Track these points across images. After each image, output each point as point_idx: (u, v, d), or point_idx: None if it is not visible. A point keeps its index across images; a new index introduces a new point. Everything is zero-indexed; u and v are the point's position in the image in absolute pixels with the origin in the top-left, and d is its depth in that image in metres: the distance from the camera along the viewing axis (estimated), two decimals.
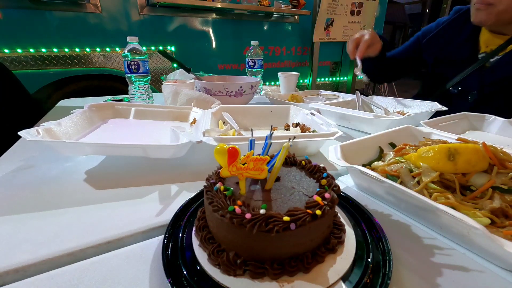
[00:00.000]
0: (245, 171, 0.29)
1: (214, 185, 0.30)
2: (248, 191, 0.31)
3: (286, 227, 0.25)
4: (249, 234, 0.25)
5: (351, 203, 0.38)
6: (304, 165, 0.36)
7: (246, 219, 0.25)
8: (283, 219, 0.25)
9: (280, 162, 0.30)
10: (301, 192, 0.31)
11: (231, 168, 0.29)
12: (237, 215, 0.25)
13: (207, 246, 0.28)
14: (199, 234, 0.30)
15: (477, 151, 0.39)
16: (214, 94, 0.91)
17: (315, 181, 0.33)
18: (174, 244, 0.30)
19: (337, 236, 0.30)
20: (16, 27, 1.56)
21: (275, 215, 0.25)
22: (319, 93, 1.23)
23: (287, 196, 0.30)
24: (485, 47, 0.88)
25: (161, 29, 1.96)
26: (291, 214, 0.26)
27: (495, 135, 0.72)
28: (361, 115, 0.74)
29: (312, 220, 0.26)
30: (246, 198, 0.29)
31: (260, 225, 0.25)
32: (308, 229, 0.26)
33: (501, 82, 0.82)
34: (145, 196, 0.43)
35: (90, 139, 0.58)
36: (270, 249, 0.26)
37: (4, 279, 0.29)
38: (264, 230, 0.24)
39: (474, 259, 0.31)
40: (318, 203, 0.27)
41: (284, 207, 0.28)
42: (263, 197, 0.30)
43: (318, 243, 0.28)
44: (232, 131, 0.65)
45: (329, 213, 0.27)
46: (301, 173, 0.35)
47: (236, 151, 0.28)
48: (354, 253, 0.29)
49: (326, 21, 2.54)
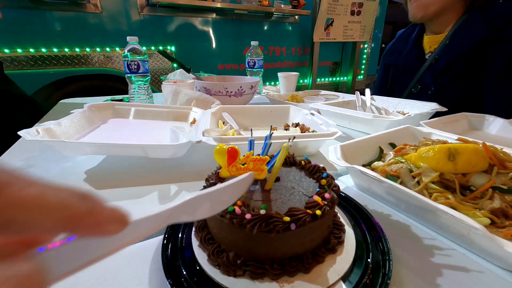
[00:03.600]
0: (244, 171, 0.29)
1: (214, 186, 0.30)
2: (248, 192, 0.30)
3: (286, 227, 0.25)
4: (249, 235, 0.25)
5: (350, 203, 0.38)
6: (303, 165, 0.36)
7: (246, 220, 0.25)
8: (283, 219, 0.25)
9: (280, 162, 0.30)
10: (301, 192, 0.30)
11: (231, 169, 0.29)
12: (237, 216, 0.25)
13: (207, 246, 0.28)
14: (198, 235, 0.30)
15: (477, 151, 0.39)
16: (214, 94, 0.91)
17: (314, 181, 0.33)
18: (173, 245, 0.30)
19: (337, 236, 0.30)
20: (16, 27, 1.56)
21: (275, 215, 0.25)
22: (319, 93, 1.23)
23: (287, 196, 0.30)
24: (429, 48, 1.03)
25: (161, 29, 1.96)
26: (291, 214, 0.26)
27: (495, 135, 0.72)
28: (361, 115, 0.74)
29: (312, 220, 0.26)
30: (246, 199, 0.29)
31: (260, 225, 0.24)
32: (308, 229, 0.26)
33: (445, 71, 0.94)
34: (145, 196, 0.43)
35: (90, 139, 0.58)
36: (270, 249, 0.26)
37: None
38: (264, 230, 0.24)
39: (474, 259, 0.31)
40: (318, 203, 0.27)
41: (284, 207, 0.27)
42: (263, 197, 0.29)
43: (318, 243, 0.28)
44: (232, 131, 0.65)
45: (329, 213, 0.27)
46: (300, 173, 0.35)
47: (235, 151, 0.28)
48: (354, 253, 0.29)
49: (326, 21, 2.54)
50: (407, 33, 1.14)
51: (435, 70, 0.97)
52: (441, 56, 0.96)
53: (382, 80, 1.24)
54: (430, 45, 1.02)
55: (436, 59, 0.97)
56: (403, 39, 1.14)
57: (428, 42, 1.03)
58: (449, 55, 0.93)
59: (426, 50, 1.03)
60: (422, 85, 1.03)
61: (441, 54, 0.96)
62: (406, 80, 1.08)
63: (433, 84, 0.98)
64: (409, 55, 1.07)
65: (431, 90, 0.99)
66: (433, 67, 0.98)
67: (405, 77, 1.08)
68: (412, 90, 1.06)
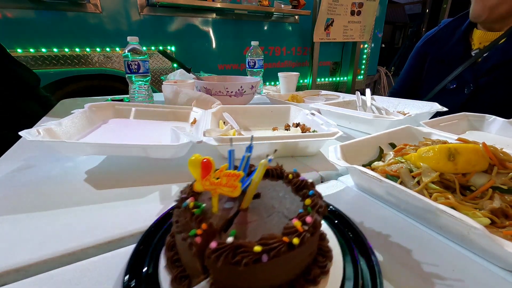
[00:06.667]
0: (218, 186, 0.26)
1: (185, 200, 0.26)
2: (222, 209, 0.27)
3: (257, 259, 0.21)
4: (214, 265, 0.21)
5: (345, 221, 0.34)
6: (290, 179, 0.32)
7: (210, 250, 0.21)
8: (254, 249, 0.21)
9: (257, 181, 0.27)
10: (281, 213, 0.26)
11: (204, 182, 0.26)
12: (198, 244, 0.22)
13: (172, 269, 0.25)
14: (166, 254, 0.26)
15: (477, 151, 0.39)
16: (215, 94, 0.91)
17: (300, 199, 0.28)
18: (140, 262, 0.27)
19: (321, 265, 0.26)
20: (16, 27, 1.56)
21: (244, 245, 0.21)
22: (319, 93, 1.23)
23: (264, 218, 0.26)
24: (478, 44, 0.96)
25: (161, 29, 1.96)
26: (264, 243, 0.22)
27: (495, 135, 0.72)
28: (361, 115, 0.74)
29: (289, 250, 0.22)
30: (217, 219, 0.26)
31: (226, 256, 0.21)
32: (284, 260, 0.22)
33: (492, 71, 0.90)
34: (146, 196, 0.43)
35: (91, 139, 0.58)
36: (239, 281, 0.23)
37: (5, 278, 0.29)
38: (231, 262, 0.21)
39: (474, 259, 0.31)
40: (296, 230, 0.23)
41: (258, 233, 0.24)
42: (236, 219, 0.26)
43: (297, 274, 0.25)
44: (233, 131, 0.65)
45: (309, 241, 0.23)
46: (286, 189, 0.31)
47: (210, 163, 0.26)
48: (340, 287, 0.25)
49: (326, 21, 2.54)
50: (454, 25, 1.05)
51: (479, 69, 0.92)
52: (492, 55, 0.90)
53: (413, 69, 1.16)
54: (480, 41, 0.96)
55: (485, 57, 0.92)
56: (448, 30, 1.06)
57: (479, 38, 0.96)
58: (503, 55, 0.88)
59: (474, 46, 0.96)
60: (460, 82, 0.97)
61: (493, 52, 0.90)
62: (442, 74, 1.02)
63: (473, 83, 0.93)
64: (454, 49, 1.00)
65: (469, 89, 0.94)
66: (478, 65, 0.93)
67: (443, 71, 1.02)
68: (446, 85, 1.00)
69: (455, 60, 0.98)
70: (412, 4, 5.94)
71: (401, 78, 1.22)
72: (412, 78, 1.17)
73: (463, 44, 0.98)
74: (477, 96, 0.93)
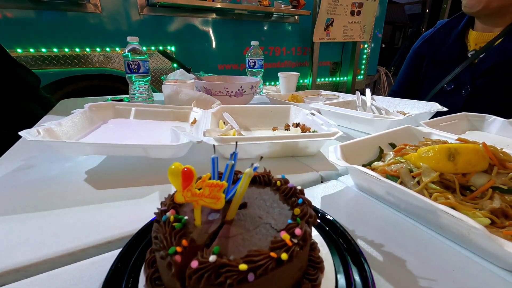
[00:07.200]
0: (200, 198, 0.24)
1: (164, 213, 0.25)
2: (205, 222, 0.25)
3: (242, 279, 0.19)
4: (196, 287, 0.20)
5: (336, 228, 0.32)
6: (279, 186, 0.30)
7: (191, 270, 0.20)
8: (239, 267, 0.19)
9: (242, 192, 0.25)
10: (269, 224, 0.25)
11: (186, 193, 0.24)
12: (178, 263, 0.20)
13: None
14: (146, 271, 0.24)
15: (477, 151, 0.39)
16: (214, 94, 0.91)
17: (288, 208, 0.27)
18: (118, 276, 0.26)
19: (312, 278, 0.24)
20: (16, 27, 1.56)
21: (228, 263, 0.20)
22: (319, 93, 1.23)
23: (250, 230, 0.24)
24: (474, 45, 0.95)
25: (161, 29, 1.96)
26: (250, 260, 0.20)
27: (495, 135, 0.72)
28: (362, 115, 0.74)
29: (277, 266, 0.20)
30: (199, 233, 0.24)
31: (209, 277, 0.19)
32: (272, 277, 0.20)
33: (489, 72, 0.89)
34: (146, 196, 0.43)
35: (91, 139, 0.58)
36: None
37: (5, 278, 0.29)
38: (214, 284, 0.19)
39: (474, 259, 0.31)
40: (285, 243, 0.21)
41: (244, 248, 0.22)
42: (220, 233, 0.24)
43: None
44: (233, 131, 0.65)
45: (299, 255, 0.22)
46: (274, 197, 0.29)
47: (191, 173, 0.24)
48: None
49: (326, 21, 2.54)
50: (450, 25, 1.05)
51: (476, 70, 0.91)
52: (489, 56, 0.89)
53: (410, 70, 1.16)
54: (475, 42, 0.95)
55: (481, 58, 0.91)
56: (445, 31, 1.05)
57: (474, 39, 0.95)
58: (500, 56, 0.87)
59: (470, 47, 0.96)
60: (457, 83, 0.97)
61: (490, 53, 0.89)
62: (439, 75, 1.01)
63: (470, 84, 0.93)
64: (450, 49, 0.99)
65: (466, 90, 0.94)
66: (475, 66, 0.92)
67: (440, 72, 1.02)
68: (444, 87, 1.00)
69: (452, 61, 0.98)
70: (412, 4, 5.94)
71: (399, 79, 1.22)
72: (410, 80, 1.17)
73: (459, 45, 0.98)
74: (475, 97, 0.93)
